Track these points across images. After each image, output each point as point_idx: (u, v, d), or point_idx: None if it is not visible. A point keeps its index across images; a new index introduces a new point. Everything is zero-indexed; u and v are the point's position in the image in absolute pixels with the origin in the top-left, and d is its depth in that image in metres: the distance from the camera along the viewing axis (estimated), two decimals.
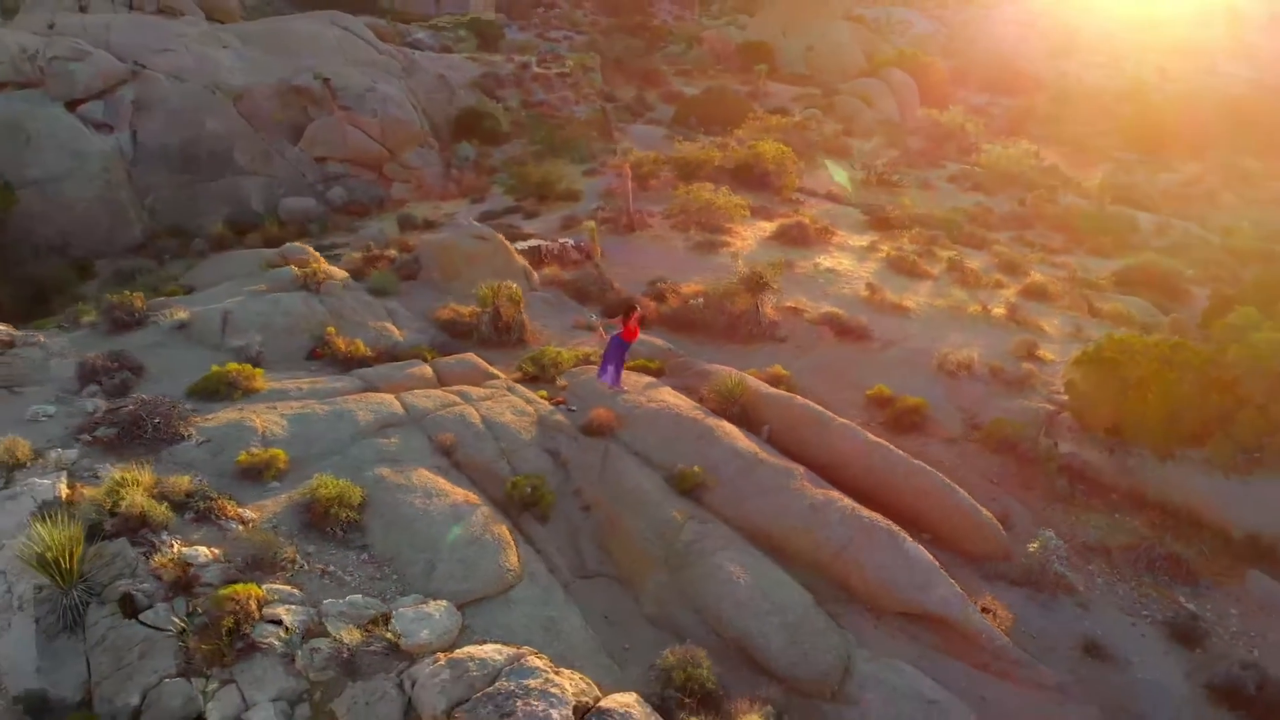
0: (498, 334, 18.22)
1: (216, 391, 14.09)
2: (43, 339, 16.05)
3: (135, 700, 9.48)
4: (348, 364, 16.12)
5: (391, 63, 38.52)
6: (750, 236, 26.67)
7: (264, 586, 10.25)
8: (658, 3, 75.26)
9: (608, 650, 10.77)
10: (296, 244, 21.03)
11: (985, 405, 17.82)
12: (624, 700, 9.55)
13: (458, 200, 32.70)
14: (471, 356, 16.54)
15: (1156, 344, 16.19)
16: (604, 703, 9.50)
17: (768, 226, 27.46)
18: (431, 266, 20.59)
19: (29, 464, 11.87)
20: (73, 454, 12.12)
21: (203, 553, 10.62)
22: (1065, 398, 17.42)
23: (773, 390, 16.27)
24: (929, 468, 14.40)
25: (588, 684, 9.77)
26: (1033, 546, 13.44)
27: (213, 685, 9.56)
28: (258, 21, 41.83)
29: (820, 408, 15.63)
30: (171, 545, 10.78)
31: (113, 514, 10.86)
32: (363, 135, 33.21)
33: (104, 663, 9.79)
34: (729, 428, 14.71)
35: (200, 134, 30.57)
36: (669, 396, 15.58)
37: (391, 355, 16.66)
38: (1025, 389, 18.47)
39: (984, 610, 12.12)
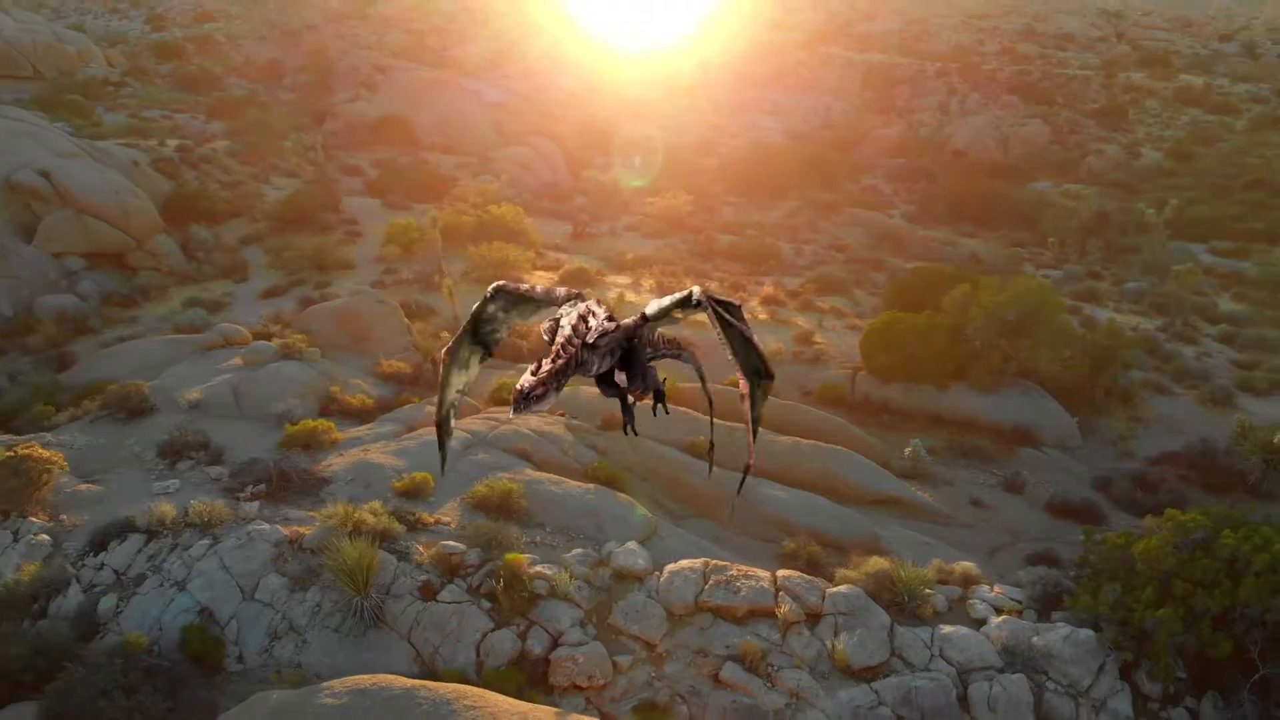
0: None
1: (307, 445, 15.86)
2: (51, 438, 16.13)
3: (472, 655, 12.17)
4: (360, 415, 18.20)
5: (85, 151, 36.81)
6: (545, 282, 31.11)
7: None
8: (227, 77, 75.04)
9: (737, 554, 15.13)
10: (228, 324, 21.65)
11: (804, 378, 24.28)
12: (786, 571, 14.13)
13: (220, 280, 32.81)
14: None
15: (916, 317, 23.79)
16: (779, 573, 14.01)
17: (551, 274, 32.10)
18: (335, 331, 22.47)
19: (223, 521, 13.25)
20: (254, 507, 13.65)
21: (455, 545, 13.22)
22: (860, 362, 24.49)
23: (689, 385, 21.23)
24: (829, 414, 20.40)
25: (756, 569, 14.18)
26: (908, 451, 19.96)
27: (521, 629, 12.49)
28: None
29: (736, 387, 20.91)
30: (418, 548, 13.20)
31: (358, 534, 12.96)
32: (106, 226, 32.00)
33: (430, 638, 12.28)
34: (692, 410, 19.47)
35: None
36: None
37: (384, 404, 18.93)
38: (822, 363, 25.31)
39: None
